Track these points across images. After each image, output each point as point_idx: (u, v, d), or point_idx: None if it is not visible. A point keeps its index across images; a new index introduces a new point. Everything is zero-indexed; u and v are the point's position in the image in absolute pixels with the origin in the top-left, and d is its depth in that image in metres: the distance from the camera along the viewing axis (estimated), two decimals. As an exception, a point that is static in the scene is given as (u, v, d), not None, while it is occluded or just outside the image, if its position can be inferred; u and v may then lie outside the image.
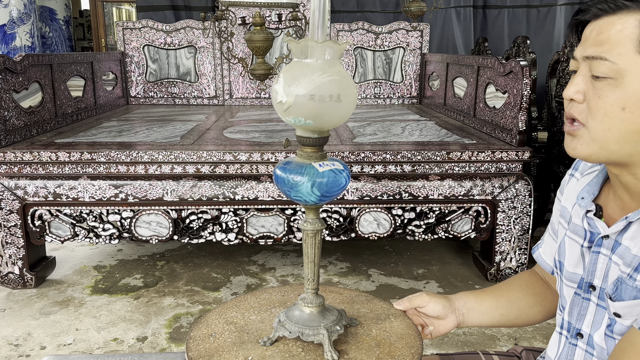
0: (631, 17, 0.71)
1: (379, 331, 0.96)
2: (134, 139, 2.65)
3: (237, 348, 0.88)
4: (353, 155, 2.40)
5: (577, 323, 0.87)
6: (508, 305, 1.02)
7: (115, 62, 3.93)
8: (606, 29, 0.73)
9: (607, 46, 0.72)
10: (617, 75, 0.71)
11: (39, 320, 2.23)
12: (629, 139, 0.73)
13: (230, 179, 2.40)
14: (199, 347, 0.88)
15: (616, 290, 0.79)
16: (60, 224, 2.43)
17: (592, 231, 0.85)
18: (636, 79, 0.71)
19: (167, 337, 2.12)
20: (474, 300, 1.01)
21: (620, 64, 0.71)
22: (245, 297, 1.06)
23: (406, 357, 0.88)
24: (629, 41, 0.70)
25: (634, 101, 0.71)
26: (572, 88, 0.77)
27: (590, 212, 0.86)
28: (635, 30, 0.70)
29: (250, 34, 2.82)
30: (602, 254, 0.83)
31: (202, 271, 2.72)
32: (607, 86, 0.73)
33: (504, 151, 2.44)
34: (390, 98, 4.24)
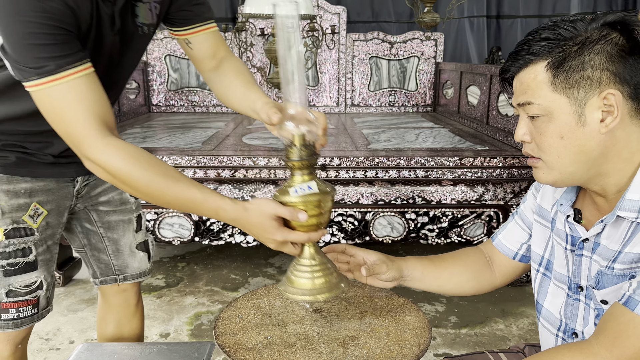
0: (538, 65, 0.86)
1: (392, 323, 1.04)
2: (158, 144, 2.76)
3: (259, 328, 0.97)
4: (367, 160, 2.48)
5: (571, 323, 0.96)
6: (448, 278, 1.15)
7: (137, 71, 4.07)
8: (525, 79, 0.88)
9: (530, 92, 0.87)
10: (546, 112, 0.86)
11: (67, 317, 2.34)
12: (577, 159, 0.86)
13: (249, 183, 2.49)
14: (225, 325, 0.98)
15: (598, 282, 0.88)
16: (87, 225, 2.54)
17: (573, 235, 0.95)
18: (561, 112, 0.85)
19: (188, 333, 2.21)
20: (420, 271, 1.14)
21: (544, 104, 0.86)
22: (274, 287, 1.15)
23: (413, 346, 0.96)
24: (543, 84, 0.86)
25: (567, 129, 0.85)
26: (519, 131, 0.92)
27: (569, 217, 0.96)
28: (545, 75, 0.85)
29: (269, 44, 2.93)
30: (584, 256, 0.92)
31: (222, 272, 2.81)
32: (543, 123, 0.87)
33: (515, 157, 2.50)
34: (405, 106, 4.32)
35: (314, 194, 0.93)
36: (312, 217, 0.94)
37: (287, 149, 0.95)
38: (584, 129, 0.84)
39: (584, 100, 0.83)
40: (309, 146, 0.94)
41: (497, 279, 1.17)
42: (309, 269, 0.97)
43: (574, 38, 0.84)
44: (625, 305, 0.79)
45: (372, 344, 0.96)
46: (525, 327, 2.27)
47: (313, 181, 0.94)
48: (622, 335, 0.79)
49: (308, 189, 0.92)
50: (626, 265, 0.83)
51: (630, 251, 0.83)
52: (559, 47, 0.84)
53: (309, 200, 0.92)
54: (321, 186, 0.95)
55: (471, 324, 2.30)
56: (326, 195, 0.94)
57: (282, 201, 0.94)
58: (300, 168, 0.94)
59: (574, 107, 0.84)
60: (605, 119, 0.83)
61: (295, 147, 0.94)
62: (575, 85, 0.83)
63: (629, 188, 0.85)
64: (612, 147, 0.84)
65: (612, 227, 0.87)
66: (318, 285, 0.96)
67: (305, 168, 0.94)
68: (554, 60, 0.84)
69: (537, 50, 0.86)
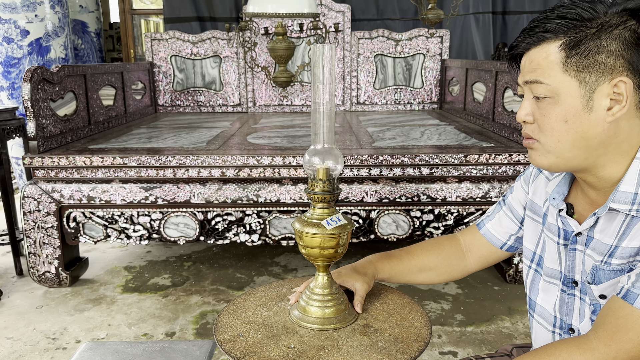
0: (552, 45, 0.83)
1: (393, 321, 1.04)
2: (163, 144, 2.78)
3: (272, 342, 0.95)
4: (372, 158, 2.47)
5: (567, 319, 0.95)
6: (416, 274, 1.17)
7: (144, 72, 4.09)
8: (535, 57, 0.85)
9: (540, 71, 0.84)
10: (553, 94, 0.83)
11: (74, 317, 2.35)
12: (577, 145, 0.84)
13: (253, 182, 2.50)
14: (234, 346, 0.94)
15: (594, 278, 0.87)
16: (93, 225, 2.56)
17: (566, 229, 0.94)
18: (569, 95, 0.82)
19: (194, 332, 2.22)
20: (387, 273, 1.15)
21: (553, 85, 0.83)
22: (243, 298, 1.15)
23: (417, 321, 1.03)
24: (555, 65, 0.82)
25: (572, 113, 0.82)
26: (522, 111, 0.89)
27: (562, 210, 0.94)
28: (558, 55, 0.82)
29: (272, 43, 2.93)
30: (577, 250, 0.91)
31: (227, 271, 2.82)
32: (548, 105, 0.84)
33: (521, 154, 2.48)
34: (411, 104, 4.31)
35: (343, 225, 0.99)
36: (329, 249, 0.99)
37: (311, 182, 1.00)
38: (589, 115, 0.82)
39: (594, 86, 0.81)
40: (332, 181, 1.00)
41: (472, 267, 1.18)
42: (320, 298, 1.02)
43: (592, 20, 0.81)
44: (624, 298, 0.79)
45: (383, 324, 0.99)
46: (532, 324, 2.26)
47: (340, 213, 1.01)
48: (620, 330, 0.78)
49: (338, 220, 0.99)
50: (624, 260, 0.82)
51: (628, 245, 0.81)
52: (576, 28, 0.81)
53: (326, 234, 0.98)
54: (344, 217, 1.01)
55: (477, 322, 2.29)
56: (343, 229, 1.00)
57: (300, 231, 0.99)
58: (322, 201, 0.99)
59: (583, 92, 0.81)
60: (613, 107, 0.81)
61: (319, 181, 0.99)
62: (588, 69, 0.81)
63: (622, 180, 0.84)
64: (614, 138, 0.83)
65: (605, 221, 0.86)
66: (328, 314, 1.00)
67: (327, 202, 1.00)
68: (570, 40, 0.81)
69: (553, 28, 0.82)
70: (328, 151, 1.00)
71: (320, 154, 1.00)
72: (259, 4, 2.80)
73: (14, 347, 2.11)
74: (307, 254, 1.01)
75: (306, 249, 1.00)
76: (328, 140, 1.00)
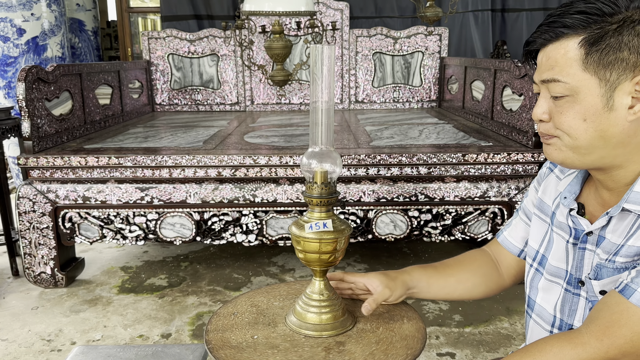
0: (571, 41, 0.80)
1: (386, 330, 1.01)
2: (159, 144, 2.76)
3: (250, 327, 0.96)
4: (369, 158, 2.45)
5: (568, 319, 0.92)
6: (455, 286, 1.11)
7: (141, 71, 4.06)
8: (553, 54, 0.82)
9: (557, 69, 0.81)
10: (572, 92, 0.80)
11: (69, 318, 2.34)
12: (595, 144, 0.82)
13: (250, 182, 2.48)
14: (218, 322, 0.98)
15: (596, 274, 0.85)
16: (89, 225, 2.54)
17: (577, 228, 0.91)
18: (589, 93, 0.80)
19: (190, 333, 2.20)
20: (425, 282, 1.10)
21: (572, 83, 0.80)
22: (278, 286, 1.15)
23: (400, 356, 0.93)
24: (574, 62, 0.80)
25: (592, 112, 0.80)
26: (538, 110, 0.86)
27: (573, 210, 0.92)
28: (577, 52, 0.79)
29: (269, 41, 2.91)
30: (587, 250, 0.89)
31: (224, 272, 2.80)
32: (566, 103, 0.82)
33: (519, 153, 2.46)
34: (410, 102, 4.28)
35: (328, 232, 0.96)
36: (326, 254, 0.97)
37: (308, 185, 0.98)
38: (609, 114, 0.79)
39: (615, 84, 0.78)
40: (330, 184, 0.97)
41: (506, 280, 1.14)
42: (317, 304, 0.99)
43: (613, 15, 0.77)
44: (621, 293, 0.77)
45: (357, 351, 0.93)
46: (531, 325, 2.24)
47: (330, 219, 0.97)
48: (614, 325, 0.76)
49: (323, 226, 0.96)
50: (628, 259, 0.81)
51: (634, 244, 0.80)
52: (597, 23, 0.78)
53: (323, 238, 0.95)
54: (337, 224, 0.98)
55: (475, 322, 2.27)
56: (340, 234, 0.97)
57: (297, 235, 0.97)
58: (318, 205, 0.97)
59: (604, 90, 0.79)
60: (635, 106, 0.79)
61: (316, 184, 0.97)
62: (609, 67, 0.78)
63: (637, 180, 0.82)
64: (634, 137, 0.81)
65: (617, 221, 0.84)
66: (325, 320, 0.98)
67: (324, 205, 0.97)
68: (590, 37, 0.78)
69: (572, 23, 0.79)
70: (326, 154, 0.98)
71: (318, 156, 0.98)
72: (255, 2, 2.78)
73: (8, 349, 2.09)
74: (304, 258, 0.99)
75: (304, 254, 0.98)
76: (326, 143, 0.98)
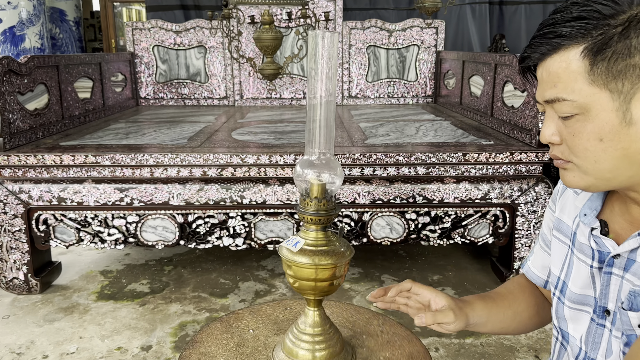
0: (571, 52, 0.69)
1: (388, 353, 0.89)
2: (140, 141, 2.59)
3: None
4: (365, 157, 2.31)
5: (592, 352, 0.81)
6: (511, 318, 1.00)
7: (124, 63, 3.88)
8: (554, 69, 0.71)
9: (561, 86, 0.70)
10: (581, 110, 0.70)
11: (42, 328, 2.18)
12: (618, 165, 0.71)
13: (237, 183, 2.32)
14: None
15: (631, 304, 0.73)
16: (65, 228, 2.37)
17: (601, 250, 0.79)
18: (601, 109, 0.69)
19: (172, 346, 2.05)
20: (485, 317, 0.97)
21: (579, 100, 0.69)
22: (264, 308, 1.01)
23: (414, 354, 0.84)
24: (578, 76, 0.69)
25: (608, 130, 0.69)
26: (546, 131, 0.75)
27: (595, 229, 0.80)
28: (580, 64, 0.68)
29: (258, 32, 2.75)
30: (614, 275, 0.77)
31: (210, 276, 2.65)
32: (577, 123, 0.71)
33: (523, 152, 2.33)
34: (405, 97, 4.14)
35: (325, 255, 0.81)
36: (323, 281, 0.82)
37: (304, 199, 0.82)
38: (629, 129, 0.68)
39: (630, 94, 0.66)
40: (328, 199, 0.82)
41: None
42: (310, 339, 0.85)
43: (615, 16, 0.66)
44: None
45: None
46: (535, 335, 2.11)
47: (303, 240, 0.83)
48: None
49: (294, 245, 0.83)
50: None
51: None
52: (598, 29, 0.67)
53: (320, 264, 0.81)
54: (336, 246, 0.83)
55: (476, 333, 2.14)
56: (340, 258, 0.82)
57: (288, 259, 0.84)
58: (315, 223, 0.82)
59: (618, 103, 0.67)
60: None
61: (314, 199, 0.81)
62: (619, 76, 0.66)
63: None
64: None
65: None
66: (319, 358, 0.84)
67: (321, 224, 0.83)
68: (592, 45, 0.67)
69: (569, 32, 0.68)
70: (325, 163, 0.82)
71: (316, 166, 0.82)
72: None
73: (-26, 364, 1.93)
74: (297, 286, 0.84)
75: (296, 281, 0.83)
76: (325, 149, 0.82)
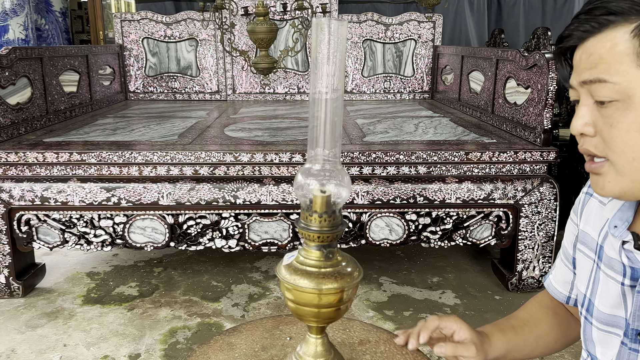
0: (619, 31, 0.62)
1: None
2: (129, 137, 2.48)
3: None
4: (363, 156, 2.21)
5: None
6: (534, 344, 0.93)
7: (113, 56, 3.75)
8: (596, 49, 0.64)
9: (603, 66, 0.63)
10: (623, 96, 0.63)
11: (24, 335, 2.06)
12: None
13: (230, 182, 2.22)
14: None
15: None
16: (48, 229, 2.26)
17: (633, 267, 0.71)
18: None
19: (161, 354, 1.95)
20: (504, 348, 0.89)
21: (623, 83, 0.62)
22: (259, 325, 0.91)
23: None
24: (624, 57, 0.62)
25: None
26: (578, 121, 0.68)
27: (627, 243, 0.71)
28: (628, 44, 0.62)
29: (252, 24, 2.64)
30: None
31: (202, 279, 2.55)
32: (616, 111, 0.64)
33: (527, 151, 2.25)
34: (401, 93, 4.05)
35: (330, 278, 0.69)
36: (328, 307, 0.70)
37: (305, 213, 0.70)
38: None
39: None
40: (335, 212, 0.69)
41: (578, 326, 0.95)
42: None
43: None
44: None
45: None
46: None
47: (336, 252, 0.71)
48: None
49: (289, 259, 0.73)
50: None
51: None
52: None
53: (324, 288, 0.69)
54: (341, 266, 0.71)
55: (479, 338, 2.06)
56: (348, 280, 0.70)
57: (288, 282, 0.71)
58: (321, 241, 0.70)
59: None
60: None
61: (317, 214, 0.69)
62: None
63: None
64: None
65: None
66: None
67: (328, 241, 0.70)
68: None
69: (620, 8, 0.62)
70: (330, 171, 0.70)
71: (320, 175, 0.70)
72: (237, -19, 2.50)
73: (-50, 375, 1.82)
74: (297, 312, 0.72)
75: (297, 307, 0.71)
76: (330, 155, 0.70)
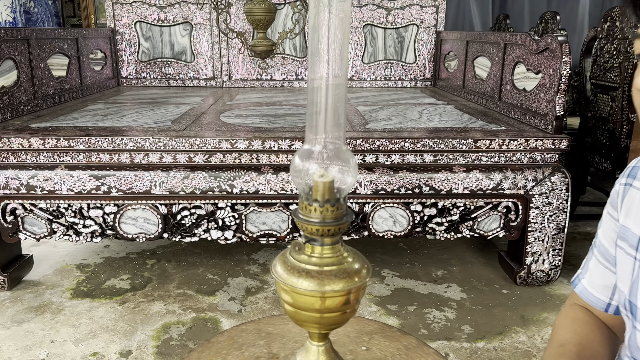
0: None
1: None
2: (119, 123, 2.36)
3: None
4: (367, 143, 2.11)
5: None
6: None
7: (104, 40, 3.61)
8: None
9: None
10: None
11: (9, 330, 1.96)
12: None
13: (227, 170, 2.11)
14: None
15: None
16: (35, 219, 2.15)
17: None
18: None
19: (154, 351, 1.85)
20: None
21: None
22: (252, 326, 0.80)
23: None
24: None
25: None
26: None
27: None
28: None
29: (250, 5, 2.51)
30: None
31: (197, 271, 2.44)
32: None
33: (538, 139, 2.14)
34: (402, 80, 3.93)
35: (334, 280, 0.58)
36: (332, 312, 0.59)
37: (304, 203, 0.59)
38: None
39: None
40: (339, 201, 0.58)
41: (620, 338, 0.85)
42: None
43: None
44: None
45: None
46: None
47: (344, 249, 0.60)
48: None
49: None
50: None
51: None
52: None
53: (328, 291, 0.58)
54: (349, 264, 0.60)
55: (488, 335, 1.97)
56: (356, 279, 0.59)
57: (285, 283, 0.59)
58: (321, 235, 0.58)
59: None
60: None
61: (318, 203, 0.57)
62: None
63: None
64: None
65: None
66: None
67: (329, 236, 0.59)
68: None
69: None
70: (333, 152, 0.60)
71: (320, 157, 0.59)
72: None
73: None
74: (297, 318, 0.61)
75: (295, 310, 0.60)
76: (333, 135, 0.60)
